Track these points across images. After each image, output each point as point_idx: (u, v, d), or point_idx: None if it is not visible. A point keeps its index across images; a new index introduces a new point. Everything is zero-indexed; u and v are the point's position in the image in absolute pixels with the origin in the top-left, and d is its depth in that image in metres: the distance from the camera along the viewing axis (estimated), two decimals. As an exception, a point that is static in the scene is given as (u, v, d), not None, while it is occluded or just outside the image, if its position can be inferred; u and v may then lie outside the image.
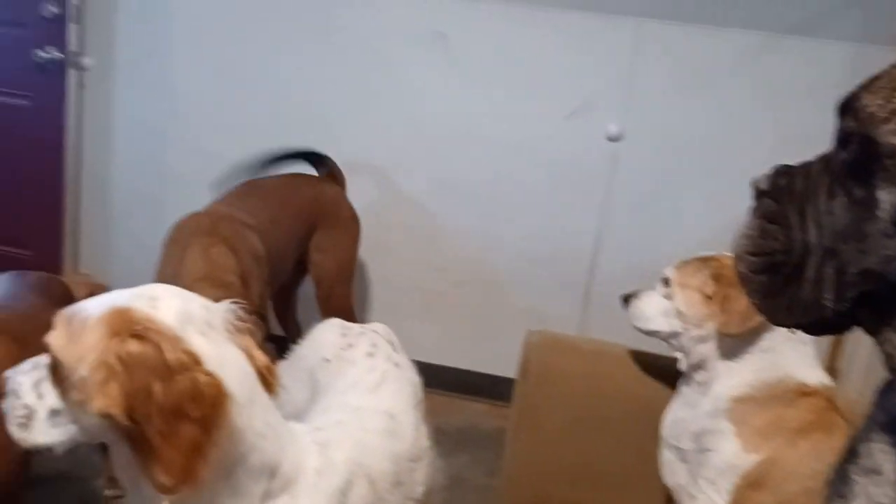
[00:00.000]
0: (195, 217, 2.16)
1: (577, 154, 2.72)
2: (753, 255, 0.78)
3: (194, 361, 0.91)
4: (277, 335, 2.70)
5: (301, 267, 2.55)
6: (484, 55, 2.73)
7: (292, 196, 2.47)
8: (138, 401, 0.88)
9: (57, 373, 0.97)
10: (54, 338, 0.96)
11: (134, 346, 0.90)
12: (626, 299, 1.68)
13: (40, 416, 0.99)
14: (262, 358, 1.05)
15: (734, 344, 1.50)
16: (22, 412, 1.00)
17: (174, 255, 2.04)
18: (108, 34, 2.97)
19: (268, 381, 1.05)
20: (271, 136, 2.79)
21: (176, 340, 0.93)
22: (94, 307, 0.97)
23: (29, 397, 1.00)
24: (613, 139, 2.67)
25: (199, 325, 0.97)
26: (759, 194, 0.80)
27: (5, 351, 1.46)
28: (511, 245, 2.84)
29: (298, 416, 1.29)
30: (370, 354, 1.45)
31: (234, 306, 1.05)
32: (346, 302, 2.58)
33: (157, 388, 0.88)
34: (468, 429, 2.70)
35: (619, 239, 2.75)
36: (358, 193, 2.80)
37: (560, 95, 2.70)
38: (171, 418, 0.88)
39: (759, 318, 1.41)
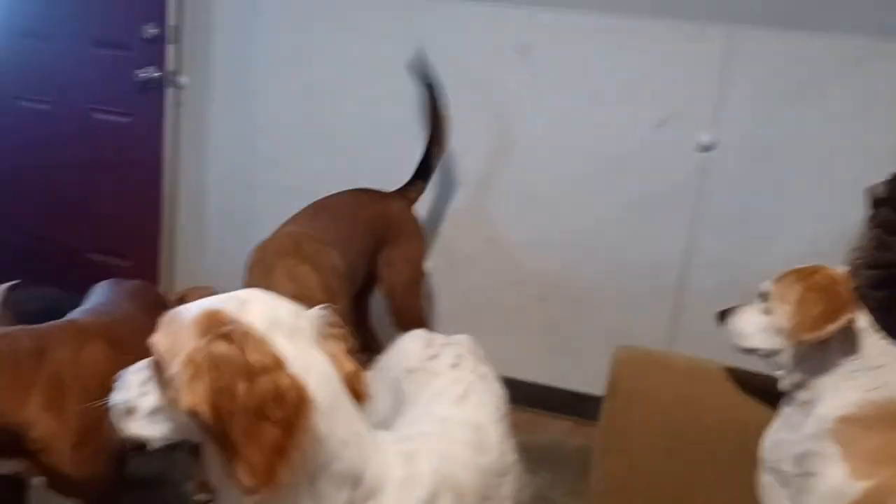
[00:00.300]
0: (277, 239, 2.21)
1: (667, 165, 2.64)
2: (870, 267, 0.73)
3: (277, 364, 0.92)
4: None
5: (370, 280, 2.60)
6: (569, 65, 2.70)
7: (359, 213, 2.50)
8: (222, 400, 0.90)
9: (159, 371, 1.01)
10: (157, 338, 1.00)
11: (220, 347, 0.92)
12: (723, 316, 1.60)
13: (141, 411, 1.04)
14: (350, 365, 1.05)
15: (839, 360, 1.41)
16: (123, 406, 1.05)
17: (260, 276, 2.09)
18: (203, 54, 3.09)
19: (356, 388, 1.04)
20: (358, 151, 2.83)
21: (261, 343, 0.94)
22: (191, 309, 1.00)
23: (133, 393, 1.05)
24: (705, 149, 2.58)
25: (286, 329, 0.98)
26: (877, 203, 0.74)
27: (104, 353, 1.53)
28: (596, 258, 2.78)
29: (383, 426, 1.28)
30: (455, 365, 1.44)
31: (323, 312, 1.06)
32: (418, 314, 2.62)
33: (241, 388, 0.90)
34: (550, 447, 2.65)
35: (710, 252, 2.65)
36: (438, 205, 2.81)
37: (648, 105, 2.63)
38: (253, 419, 0.89)
39: (831, 328, 1.36)
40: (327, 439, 0.97)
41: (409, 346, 1.55)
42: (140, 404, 1.04)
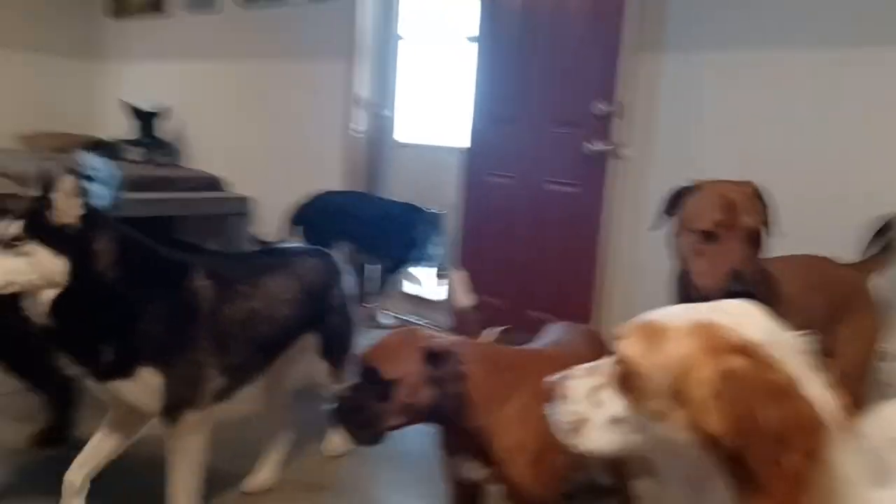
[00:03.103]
0: None
1: None
2: None
3: (794, 385, 0.85)
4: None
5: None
6: None
7: (811, 276, 2.26)
8: (742, 423, 0.84)
9: (627, 381, 0.99)
10: (628, 346, 0.97)
11: (737, 363, 0.86)
12: None
13: (594, 423, 1.00)
14: (837, 397, 0.93)
15: None
16: (572, 418, 1.02)
17: None
18: (647, 128, 3.22)
19: (844, 424, 0.92)
20: (802, 215, 2.61)
21: (775, 361, 0.87)
22: (670, 318, 0.96)
23: (581, 405, 1.02)
24: None
25: (782, 347, 0.91)
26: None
27: None
28: None
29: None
30: (965, 441, 1.19)
31: (809, 339, 0.96)
32: (864, 397, 2.26)
33: (761, 410, 0.83)
34: None
35: None
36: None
37: None
38: (776, 446, 0.82)
39: None
40: (833, 474, 0.86)
41: (894, 415, 1.33)
42: (591, 416, 1.00)
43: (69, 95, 6.50)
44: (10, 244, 1.71)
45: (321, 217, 4.16)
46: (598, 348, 1.92)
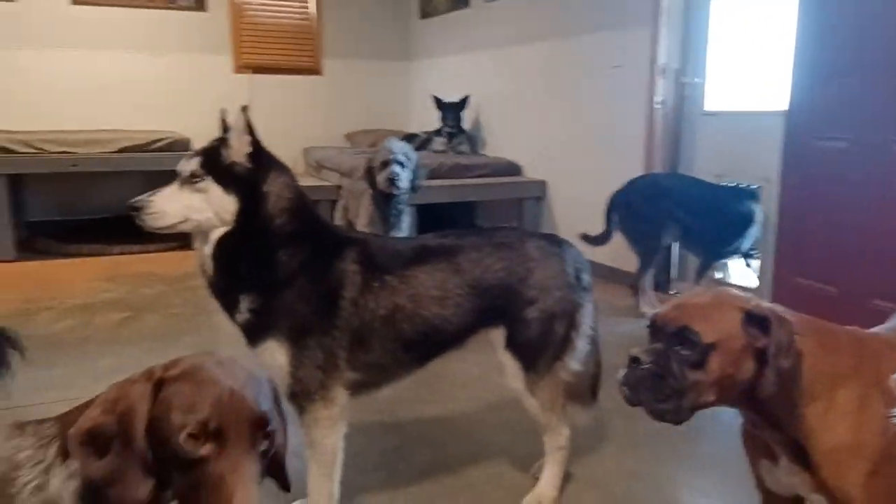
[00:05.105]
0: None
1: None
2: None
3: None
4: None
5: None
6: None
7: None
8: None
9: None
10: None
11: None
12: None
13: None
14: None
15: None
16: None
17: None
18: None
19: None
20: None
21: None
22: None
23: None
24: None
25: None
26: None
27: None
28: None
29: None
30: None
31: None
32: None
33: None
34: None
35: None
36: None
37: None
38: None
39: None
40: None
41: None
42: None
43: (388, 94, 7.07)
44: (188, 180, 1.70)
45: (642, 202, 3.84)
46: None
